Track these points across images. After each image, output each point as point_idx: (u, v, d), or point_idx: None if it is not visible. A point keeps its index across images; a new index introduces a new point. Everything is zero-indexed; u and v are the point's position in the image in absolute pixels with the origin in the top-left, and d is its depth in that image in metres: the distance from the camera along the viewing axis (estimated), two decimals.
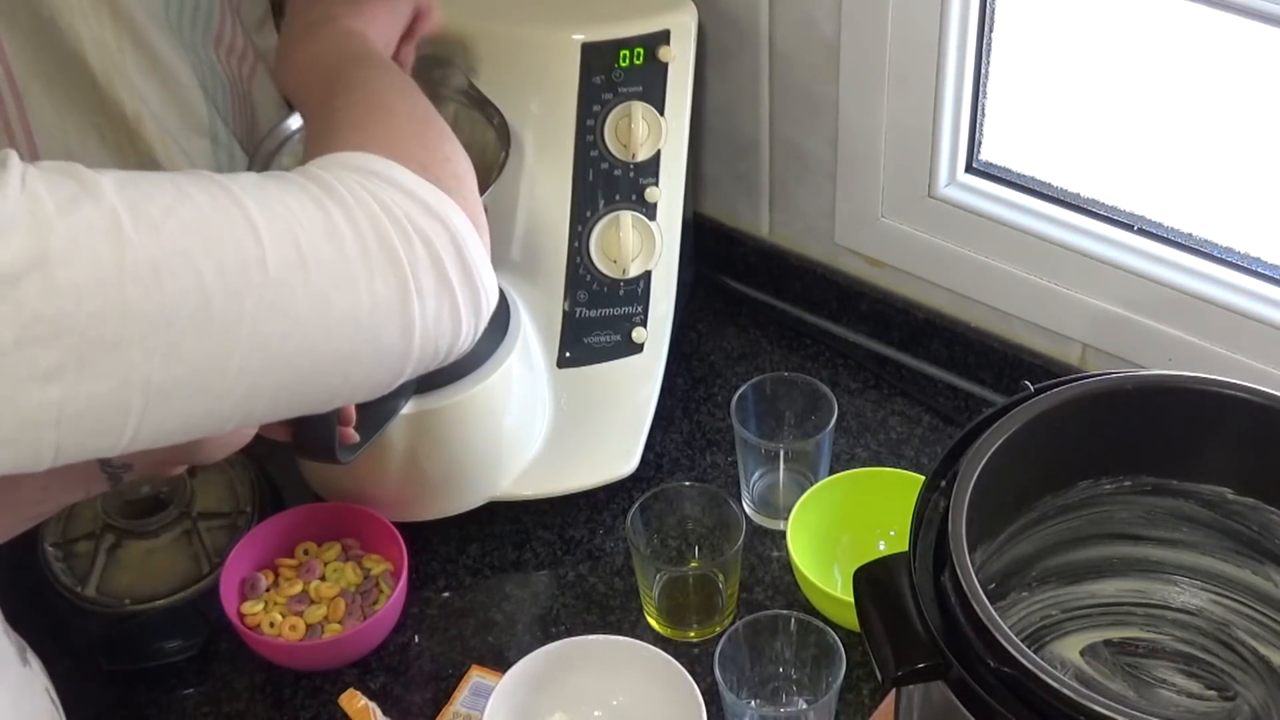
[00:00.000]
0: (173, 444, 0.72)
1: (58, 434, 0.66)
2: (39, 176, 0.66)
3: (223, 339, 0.70)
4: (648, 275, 1.25)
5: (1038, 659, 0.73)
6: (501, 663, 1.11)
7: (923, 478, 0.85)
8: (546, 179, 1.23)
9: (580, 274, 1.24)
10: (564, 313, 1.24)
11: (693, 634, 1.15)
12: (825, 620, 1.08)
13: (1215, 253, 1.16)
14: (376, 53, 0.96)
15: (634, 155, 1.21)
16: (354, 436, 1.03)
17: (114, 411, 0.67)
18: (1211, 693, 0.93)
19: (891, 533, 1.17)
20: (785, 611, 1.07)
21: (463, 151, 0.87)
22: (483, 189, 1.06)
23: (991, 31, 1.17)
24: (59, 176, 0.67)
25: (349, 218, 0.75)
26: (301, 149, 1.09)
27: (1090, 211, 1.21)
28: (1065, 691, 0.71)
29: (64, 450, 0.67)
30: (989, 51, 1.18)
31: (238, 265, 0.70)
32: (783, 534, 1.17)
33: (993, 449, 0.83)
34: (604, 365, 1.25)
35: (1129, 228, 1.19)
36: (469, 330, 0.82)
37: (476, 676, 1.12)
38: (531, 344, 1.22)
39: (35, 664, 0.91)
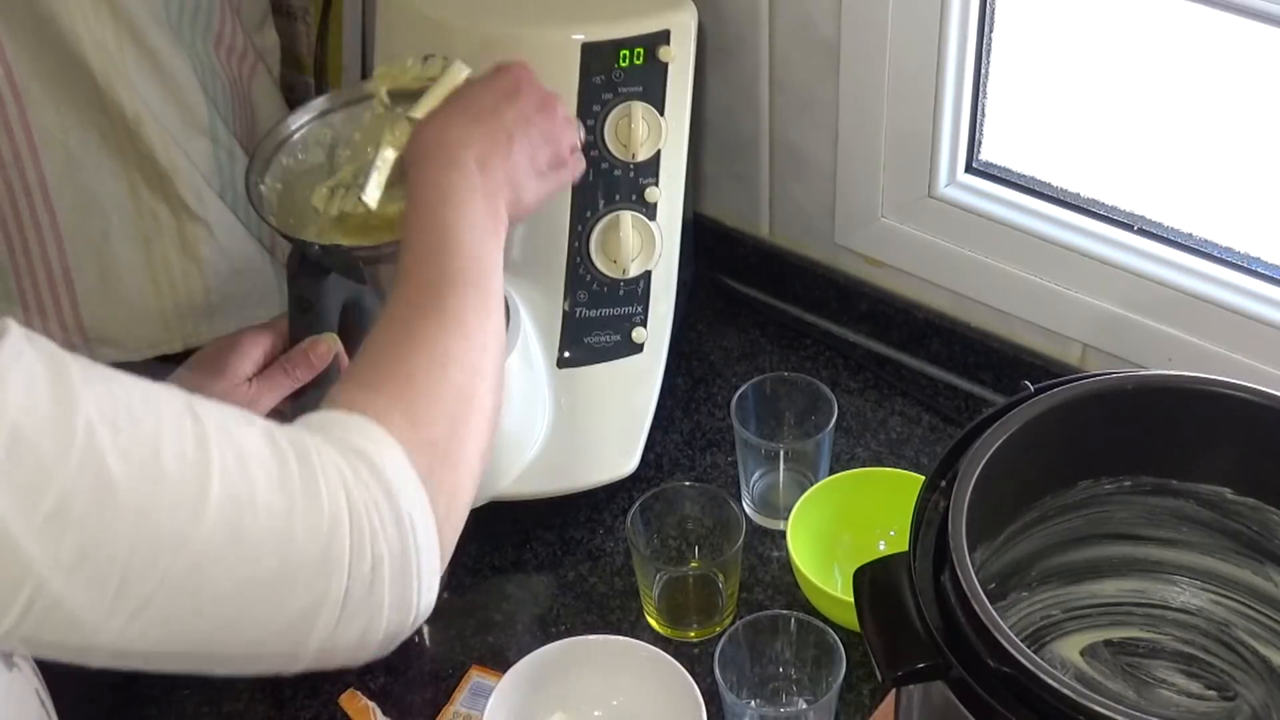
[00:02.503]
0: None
1: None
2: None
3: (131, 589, 0.68)
4: (648, 275, 1.24)
5: (1038, 659, 0.73)
6: (501, 663, 1.11)
7: (923, 478, 0.85)
8: None
9: (580, 274, 1.24)
10: (564, 313, 1.24)
11: (693, 634, 1.15)
12: (825, 620, 1.08)
13: (1215, 253, 1.16)
14: (492, 259, 0.91)
15: (634, 155, 1.21)
16: None
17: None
18: (1211, 693, 0.93)
19: (891, 533, 1.17)
20: (785, 611, 1.07)
21: (489, 443, 0.85)
22: None
23: (991, 31, 1.17)
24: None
25: (310, 510, 0.72)
26: (301, 149, 1.09)
27: (1090, 211, 1.21)
28: (1065, 691, 0.71)
29: None
30: (989, 51, 1.18)
31: (170, 544, 0.68)
32: (783, 534, 1.17)
33: (993, 449, 0.83)
34: (604, 365, 1.25)
35: (1129, 228, 1.19)
36: (375, 646, 0.77)
37: (476, 676, 1.12)
38: (531, 344, 1.22)
39: (25, 666, 0.89)
